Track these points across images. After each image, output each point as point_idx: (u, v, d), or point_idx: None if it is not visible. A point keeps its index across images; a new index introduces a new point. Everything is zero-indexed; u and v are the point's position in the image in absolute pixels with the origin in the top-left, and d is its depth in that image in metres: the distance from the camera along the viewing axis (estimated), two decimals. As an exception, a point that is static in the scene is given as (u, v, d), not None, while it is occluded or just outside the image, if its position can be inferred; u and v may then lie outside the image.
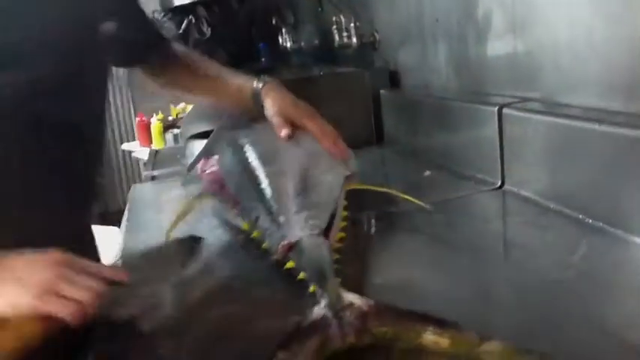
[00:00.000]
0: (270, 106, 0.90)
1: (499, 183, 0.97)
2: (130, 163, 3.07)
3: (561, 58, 0.89)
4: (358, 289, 0.53)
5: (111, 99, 2.97)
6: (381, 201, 0.92)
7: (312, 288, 0.55)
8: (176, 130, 2.81)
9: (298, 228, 0.62)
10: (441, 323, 0.45)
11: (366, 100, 1.51)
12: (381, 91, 1.50)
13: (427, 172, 1.12)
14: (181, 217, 0.83)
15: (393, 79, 1.58)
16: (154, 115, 2.88)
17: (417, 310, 0.48)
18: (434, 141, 1.21)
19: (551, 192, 0.85)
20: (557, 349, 0.47)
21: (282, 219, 0.65)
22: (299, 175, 0.71)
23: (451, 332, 0.45)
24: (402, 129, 1.38)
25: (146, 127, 2.94)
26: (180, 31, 2.83)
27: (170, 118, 2.97)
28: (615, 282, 0.63)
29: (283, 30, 2.42)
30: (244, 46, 2.75)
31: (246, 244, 0.75)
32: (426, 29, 1.36)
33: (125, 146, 2.74)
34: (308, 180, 0.71)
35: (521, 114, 0.92)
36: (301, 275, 0.58)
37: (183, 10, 2.86)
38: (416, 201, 0.86)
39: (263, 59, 2.63)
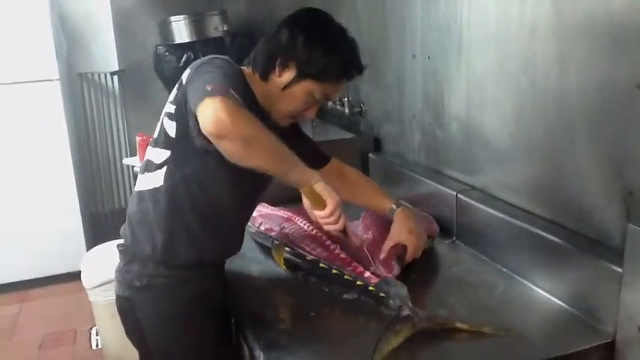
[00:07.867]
0: (393, 226, 1.43)
1: (454, 238, 1.65)
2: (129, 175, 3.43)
3: (496, 166, 1.55)
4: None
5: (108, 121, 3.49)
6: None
7: (392, 302, 1.20)
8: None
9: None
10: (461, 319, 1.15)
11: (356, 162, 2.07)
12: (370, 155, 2.11)
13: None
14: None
15: (377, 143, 2.18)
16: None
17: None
18: (407, 202, 1.82)
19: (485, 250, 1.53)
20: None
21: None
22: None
23: (465, 321, 1.14)
24: (385, 187, 1.92)
25: (147, 145, 3.27)
26: (180, 64, 3.31)
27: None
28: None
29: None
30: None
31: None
32: (405, 114, 1.96)
33: (127, 161, 3.14)
34: None
35: (469, 200, 1.60)
36: (382, 294, 1.23)
37: (182, 46, 3.32)
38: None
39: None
